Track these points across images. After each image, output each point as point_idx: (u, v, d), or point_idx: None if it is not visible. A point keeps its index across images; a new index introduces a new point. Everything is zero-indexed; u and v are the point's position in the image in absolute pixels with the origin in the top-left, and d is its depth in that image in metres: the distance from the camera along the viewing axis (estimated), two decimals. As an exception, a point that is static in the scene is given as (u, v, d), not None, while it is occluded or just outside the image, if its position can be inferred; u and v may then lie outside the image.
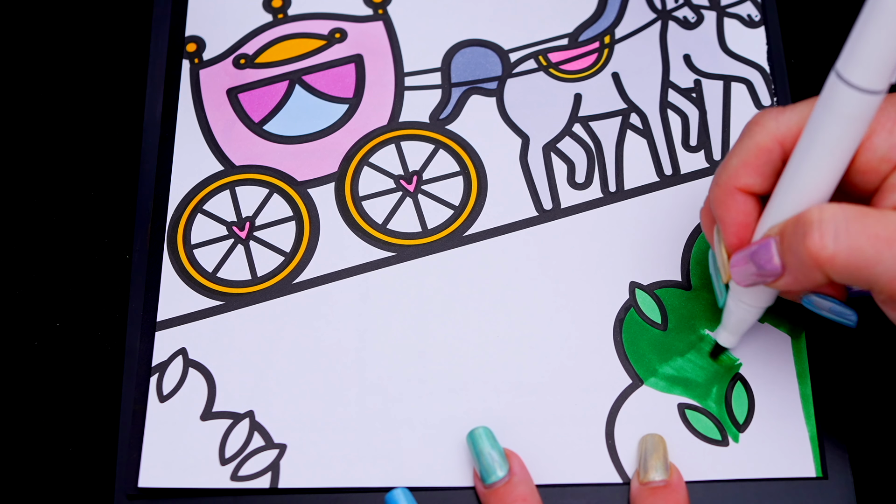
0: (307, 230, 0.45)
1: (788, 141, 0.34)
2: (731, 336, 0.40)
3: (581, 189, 0.45)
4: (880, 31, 0.29)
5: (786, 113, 0.34)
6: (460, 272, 0.43)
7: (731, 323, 0.39)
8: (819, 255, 0.31)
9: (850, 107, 0.31)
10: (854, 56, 0.30)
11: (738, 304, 0.38)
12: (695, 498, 0.39)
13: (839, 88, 0.30)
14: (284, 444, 0.40)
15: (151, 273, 0.44)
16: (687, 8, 0.49)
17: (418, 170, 0.46)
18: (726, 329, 0.40)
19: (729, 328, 0.39)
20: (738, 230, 0.35)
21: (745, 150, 0.35)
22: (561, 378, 0.41)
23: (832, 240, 0.30)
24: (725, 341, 0.40)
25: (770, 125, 0.34)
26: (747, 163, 0.34)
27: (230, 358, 0.42)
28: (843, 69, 0.30)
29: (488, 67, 0.48)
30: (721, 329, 0.40)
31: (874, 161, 0.33)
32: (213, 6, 0.49)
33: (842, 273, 0.31)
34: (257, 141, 0.46)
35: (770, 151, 0.34)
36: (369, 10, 0.49)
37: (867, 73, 0.30)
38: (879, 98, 0.30)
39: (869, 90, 0.30)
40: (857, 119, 0.31)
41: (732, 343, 0.40)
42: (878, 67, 0.30)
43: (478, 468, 0.39)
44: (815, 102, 0.33)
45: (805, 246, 0.31)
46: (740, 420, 0.40)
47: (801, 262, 0.32)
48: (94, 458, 0.41)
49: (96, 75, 0.49)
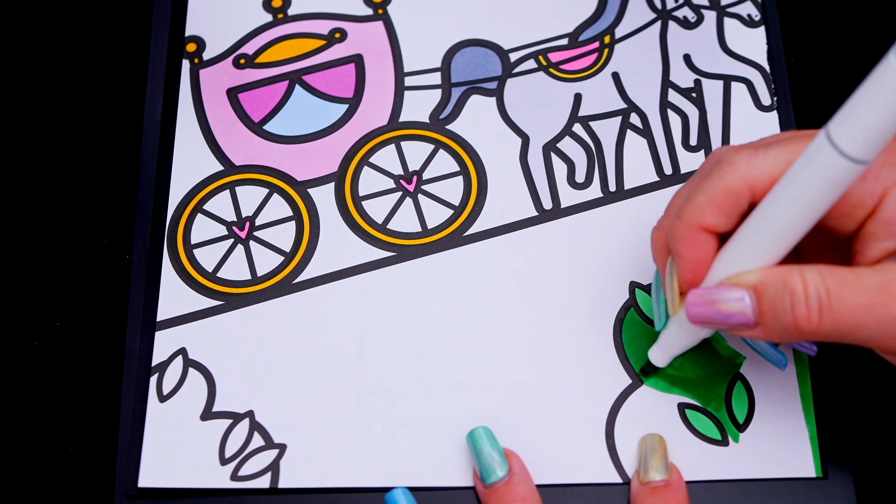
0: (307, 230, 0.45)
1: (758, 186, 0.33)
2: (664, 356, 0.40)
3: (581, 189, 0.45)
4: (882, 105, 0.27)
5: (758, 156, 0.33)
6: (460, 272, 0.43)
7: (668, 347, 0.39)
8: (805, 328, 0.32)
9: (834, 171, 0.30)
10: (849, 122, 0.29)
11: (678, 333, 0.38)
12: (695, 498, 0.39)
13: (827, 151, 0.29)
14: (284, 444, 0.40)
15: (151, 273, 0.44)
16: (687, 8, 0.49)
17: (418, 170, 0.46)
18: (661, 350, 0.39)
19: (666, 351, 0.39)
20: (695, 267, 0.35)
21: (713, 189, 0.34)
22: (561, 378, 0.41)
23: (816, 314, 0.31)
24: (659, 361, 0.40)
25: (742, 167, 0.33)
26: (714, 202, 0.34)
27: (230, 358, 0.42)
28: (835, 133, 0.29)
29: (488, 67, 0.48)
30: (656, 348, 0.40)
31: (849, 206, 0.33)
32: (213, 6, 0.49)
33: (824, 339, 0.32)
34: (257, 141, 0.46)
35: (739, 195, 0.33)
36: (369, 10, 0.49)
37: (859, 143, 0.29)
38: (865, 167, 0.29)
39: (858, 160, 0.29)
40: (838, 183, 0.30)
41: (665, 363, 0.40)
42: (873, 139, 0.28)
43: (478, 468, 0.39)
44: (788, 147, 0.33)
45: (793, 317, 0.32)
46: (740, 420, 0.40)
47: (783, 327, 0.32)
48: (94, 458, 0.41)
49: (96, 75, 0.49)
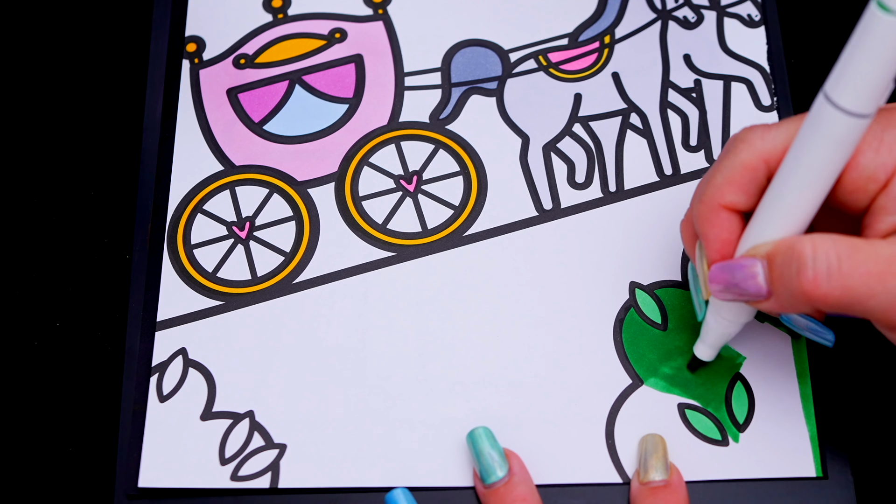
0: (307, 230, 0.45)
1: (774, 159, 0.34)
2: (709, 350, 0.39)
3: (581, 189, 0.45)
4: (870, 55, 0.28)
5: (772, 131, 0.34)
6: (460, 272, 0.43)
7: (709, 337, 0.39)
8: (812, 293, 0.31)
9: (836, 129, 0.30)
10: (843, 79, 0.29)
11: (717, 320, 0.38)
12: (695, 498, 0.39)
13: (826, 110, 0.30)
14: (284, 444, 0.40)
15: (151, 273, 0.44)
16: (687, 8, 0.49)
17: (418, 170, 0.46)
18: (704, 343, 0.39)
19: (707, 342, 0.39)
20: (721, 247, 0.35)
21: (729, 167, 0.34)
22: (561, 378, 0.41)
23: (825, 279, 0.31)
24: (703, 354, 0.40)
25: (756, 143, 0.34)
26: (732, 180, 0.34)
27: (230, 358, 0.42)
28: (832, 91, 0.30)
29: (488, 67, 0.48)
30: (699, 343, 0.40)
31: (861, 180, 0.33)
32: (213, 6, 0.49)
33: (833, 308, 0.32)
34: (257, 141, 0.46)
35: (755, 170, 0.34)
36: (369, 10, 0.49)
37: (856, 97, 0.29)
38: (867, 122, 0.30)
39: (857, 113, 0.30)
40: (843, 142, 0.30)
41: (710, 356, 0.40)
42: (867, 91, 0.29)
43: (478, 468, 0.39)
44: (801, 121, 0.33)
45: (798, 282, 0.31)
46: (740, 420, 0.40)
47: (790, 293, 0.32)
48: (94, 458, 0.41)
49: (96, 75, 0.49)
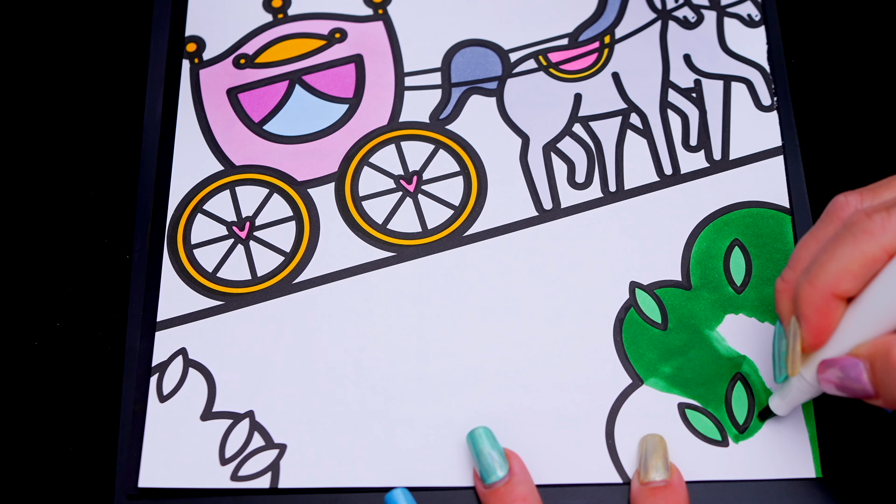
0: (307, 230, 0.44)
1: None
2: (786, 407, 0.39)
3: (581, 189, 0.45)
4: None
5: (892, 220, 0.33)
6: (460, 272, 0.43)
7: (791, 397, 0.38)
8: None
9: None
10: None
11: (801, 382, 0.37)
12: (695, 498, 0.39)
13: None
14: (284, 444, 0.40)
15: (151, 273, 0.44)
16: (687, 8, 0.49)
17: (418, 170, 0.46)
18: (784, 400, 0.38)
19: (787, 401, 0.38)
20: (821, 332, 0.35)
21: (850, 258, 0.33)
22: (561, 378, 0.41)
23: None
24: (779, 410, 0.39)
25: (878, 235, 0.33)
26: (851, 272, 0.33)
27: (230, 358, 0.42)
28: None
29: (488, 67, 0.48)
30: (777, 398, 0.38)
31: None
32: (213, 6, 0.49)
33: None
34: (257, 141, 0.46)
35: (876, 262, 0.33)
36: (369, 10, 0.49)
37: None
38: None
39: None
40: None
41: (785, 412, 0.39)
42: None
43: (478, 468, 0.39)
44: None
45: None
46: (740, 420, 0.40)
47: (893, 392, 0.33)
48: (94, 458, 0.41)
49: (96, 75, 0.49)
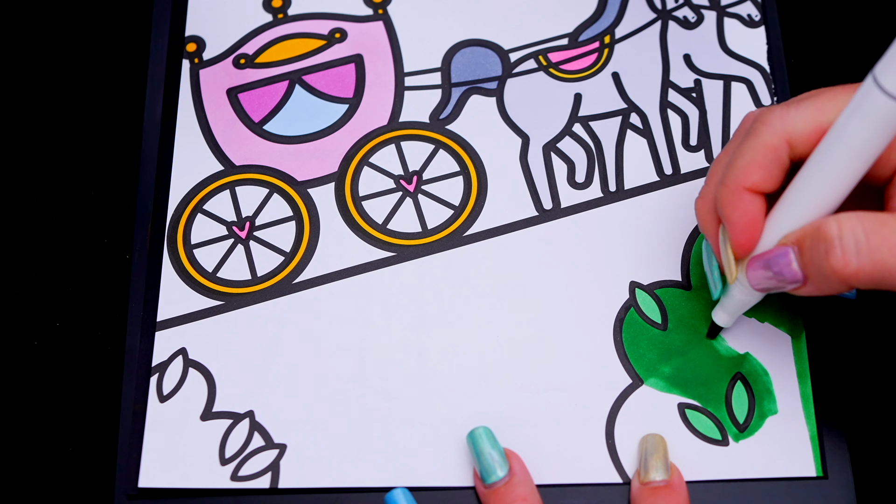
0: (307, 230, 0.44)
1: (796, 139, 0.34)
2: (728, 317, 0.40)
3: (581, 189, 0.45)
4: None
5: (791, 111, 0.34)
6: (460, 272, 0.43)
7: (731, 306, 0.39)
8: (843, 272, 0.31)
9: (884, 115, 0.30)
10: (893, 65, 0.29)
11: (741, 290, 0.38)
12: (695, 498, 0.39)
13: (876, 96, 0.30)
14: (284, 444, 0.40)
15: (151, 273, 0.44)
16: (687, 8, 0.49)
17: (418, 170, 0.46)
18: (725, 311, 0.40)
19: (728, 310, 0.39)
20: (745, 229, 0.35)
21: (752, 149, 0.34)
22: (561, 378, 0.41)
23: (854, 256, 0.31)
24: (722, 321, 0.40)
25: (776, 124, 0.34)
26: (755, 162, 0.34)
27: (230, 358, 0.42)
28: (882, 76, 0.29)
29: (488, 67, 0.48)
30: (719, 310, 0.40)
31: (886, 151, 0.33)
32: (213, 6, 0.49)
33: (867, 284, 0.32)
34: (257, 141, 0.46)
35: (778, 150, 0.34)
36: (369, 10, 0.49)
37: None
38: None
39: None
40: (889, 127, 0.30)
41: (728, 323, 0.40)
42: None
43: (478, 468, 0.39)
44: (819, 99, 0.33)
45: (828, 263, 0.32)
46: (740, 420, 0.40)
47: (824, 275, 0.32)
48: (94, 458, 0.41)
49: (96, 75, 0.49)
